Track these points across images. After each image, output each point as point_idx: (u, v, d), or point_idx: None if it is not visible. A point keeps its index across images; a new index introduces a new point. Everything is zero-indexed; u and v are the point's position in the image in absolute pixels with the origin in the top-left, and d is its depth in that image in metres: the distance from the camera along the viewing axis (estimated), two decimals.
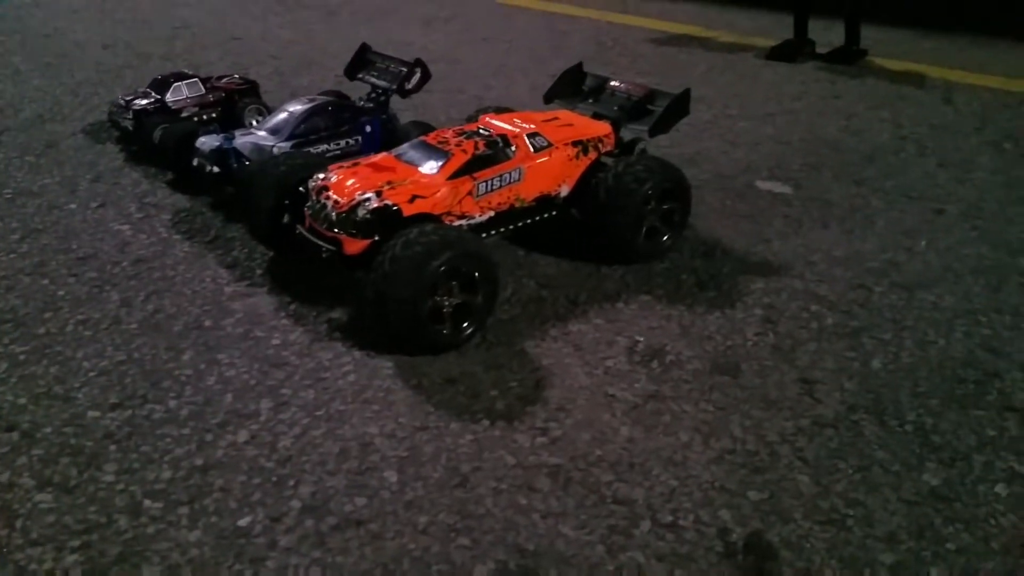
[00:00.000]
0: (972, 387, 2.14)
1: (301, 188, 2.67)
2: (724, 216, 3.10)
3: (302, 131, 3.31)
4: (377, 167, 2.54)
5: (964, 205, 3.16)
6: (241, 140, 3.22)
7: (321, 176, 2.54)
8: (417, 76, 3.51)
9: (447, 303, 2.28)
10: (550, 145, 2.71)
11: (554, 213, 2.77)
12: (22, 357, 2.33)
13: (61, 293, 2.66)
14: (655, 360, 2.28)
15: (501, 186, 2.61)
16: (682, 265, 2.77)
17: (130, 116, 3.72)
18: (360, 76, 3.67)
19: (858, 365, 2.24)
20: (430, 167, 2.52)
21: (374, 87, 3.59)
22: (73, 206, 3.28)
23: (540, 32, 5.99)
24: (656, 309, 2.53)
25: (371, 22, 6.30)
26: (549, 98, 3.21)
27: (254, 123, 3.99)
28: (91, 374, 2.25)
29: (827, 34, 5.17)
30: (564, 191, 2.77)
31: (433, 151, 2.58)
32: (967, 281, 2.63)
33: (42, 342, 2.39)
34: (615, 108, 2.99)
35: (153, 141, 3.61)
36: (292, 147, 3.26)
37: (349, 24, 6.26)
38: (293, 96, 3.65)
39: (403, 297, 2.20)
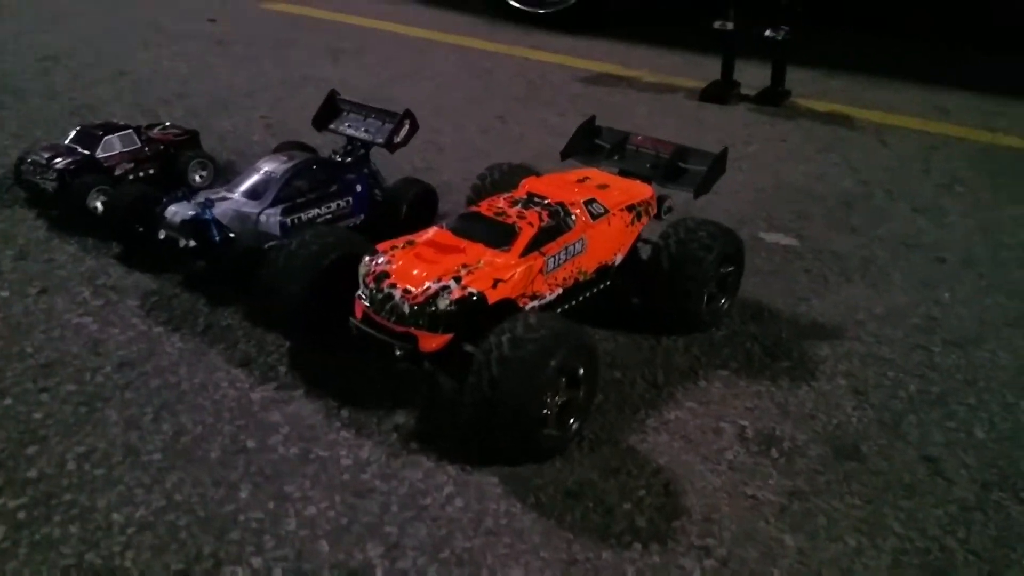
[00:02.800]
0: None
1: (334, 269, 2.32)
2: (750, 274, 3.01)
3: (288, 194, 2.90)
4: (440, 247, 2.23)
5: (959, 252, 3.27)
6: (219, 208, 2.76)
7: (376, 260, 2.19)
8: (407, 128, 3.19)
9: (556, 402, 2.02)
10: (607, 212, 2.51)
11: (608, 284, 2.57)
12: (21, 515, 1.81)
13: (38, 416, 2.12)
14: (773, 448, 2.13)
15: (567, 259, 2.37)
16: (740, 332, 2.65)
17: (52, 177, 3.12)
18: (332, 127, 3.29)
19: (964, 436, 2.21)
20: (498, 244, 2.24)
21: (351, 140, 3.23)
22: (5, 294, 2.67)
23: (462, 68, 5.74)
24: (741, 386, 2.38)
25: (272, 54, 5.79)
26: (567, 154, 3.00)
27: (198, 179, 3.50)
28: (130, 531, 1.77)
29: (710, 71, 5.28)
30: (619, 259, 2.58)
31: (495, 225, 2.31)
32: (1006, 334, 2.70)
33: (40, 490, 1.88)
34: (647, 167, 2.83)
35: (88, 207, 3.05)
36: (281, 213, 2.84)
37: (248, 57, 5.72)
38: (224, 145, 3.21)
39: (518, 405, 1.91)
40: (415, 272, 2.13)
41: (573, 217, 2.42)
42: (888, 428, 2.23)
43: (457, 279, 2.10)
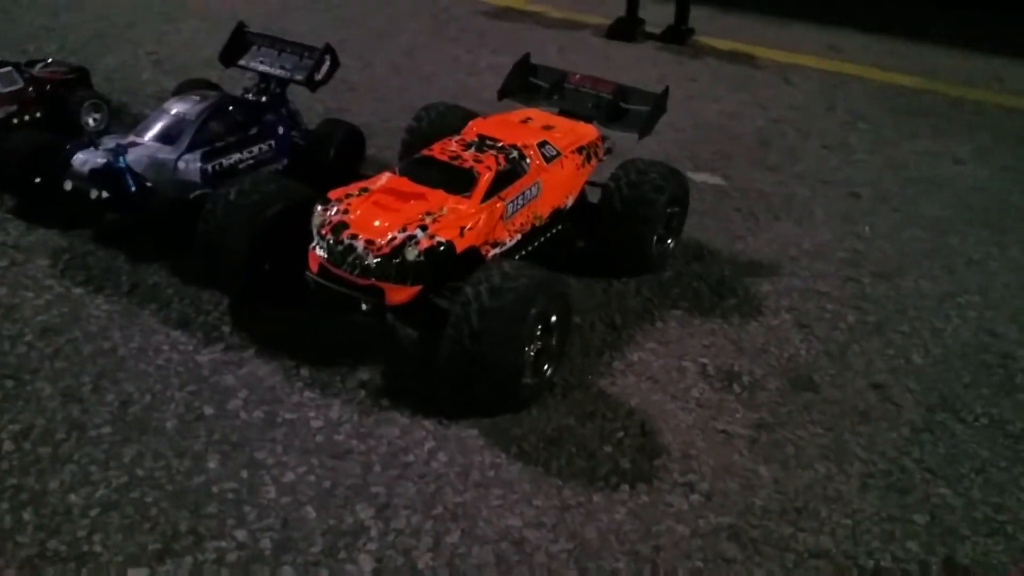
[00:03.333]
0: (1001, 372, 2.34)
1: (279, 220, 2.17)
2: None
3: (205, 137, 2.67)
4: (399, 194, 2.11)
5: (871, 188, 3.44)
6: (132, 155, 2.52)
7: (330, 209, 2.05)
8: (327, 64, 2.99)
9: (532, 350, 1.98)
10: (559, 154, 2.46)
11: (561, 227, 2.54)
12: None
13: None
14: (734, 383, 2.19)
15: (524, 204, 2.32)
16: (685, 272, 2.70)
17: None
18: (243, 63, 3.04)
19: (903, 362, 2.35)
20: (458, 190, 2.15)
21: (265, 77, 3.00)
22: None
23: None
24: (695, 324, 2.43)
25: None
26: (504, 94, 2.91)
27: (91, 122, 3.18)
28: (93, 513, 1.62)
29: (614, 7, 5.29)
30: (570, 203, 2.54)
31: (451, 170, 2.21)
32: (925, 265, 2.87)
33: None
34: (589, 107, 2.79)
35: None
36: (200, 159, 2.62)
37: None
38: (113, 84, 2.94)
39: (500, 356, 1.86)
40: (377, 222, 2.02)
41: (528, 160, 2.36)
42: (835, 359, 2.34)
43: (423, 228, 2.01)
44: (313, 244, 2.06)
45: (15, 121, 2.95)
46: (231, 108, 2.80)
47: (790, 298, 2.60)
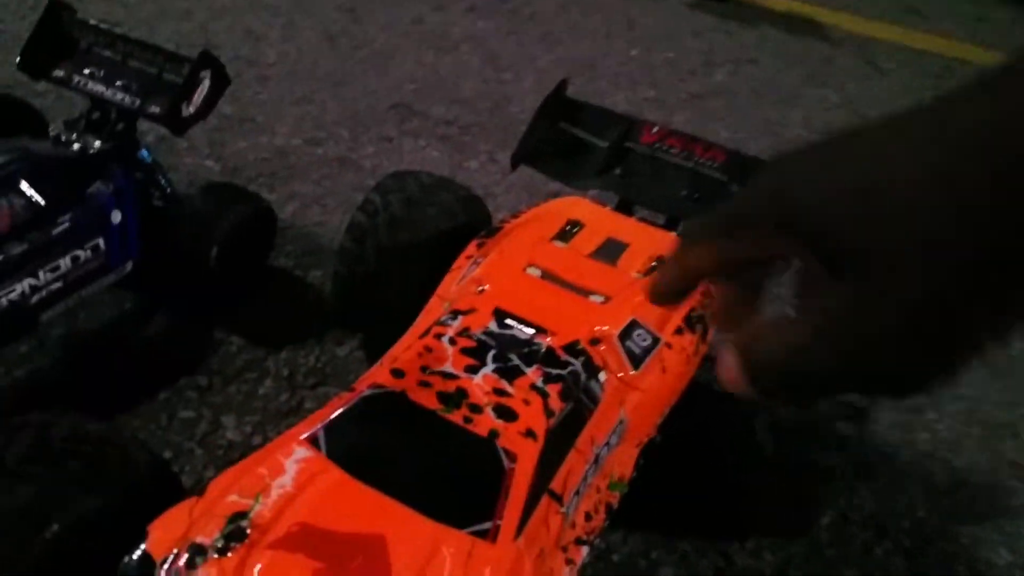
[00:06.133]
0: None
1: None
2: None
3: None
4: (324, 542, 0.87)
5: None
6: None
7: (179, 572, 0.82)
8: (206, 85, 1.66)
9: None
10: (656, 342, 1.23)
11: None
12: None
13: None
14: None
15: (596, 472, 1.11)
16: None
17: None
18: (60, 75, 1.69)
19: None
20: (463, 517, 0.92)
21: (98, 103, 1.66)
22: None
23: None
24: None
25: None
26: (521, 158, 1.62)
27: None
28: None
29: None
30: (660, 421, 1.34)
31: (450, 438, 0.98)
32: None
33: None
34: (682, 193, 1.54)
35: None
36: None
37: None
38: None
39: None
40: None
41: (602, 376, 1.14)
42: None
43: None
44: None
45: None
46: (23, 182, 1.48)
47: None
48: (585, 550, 1.05)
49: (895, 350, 0.38)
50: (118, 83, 1.66)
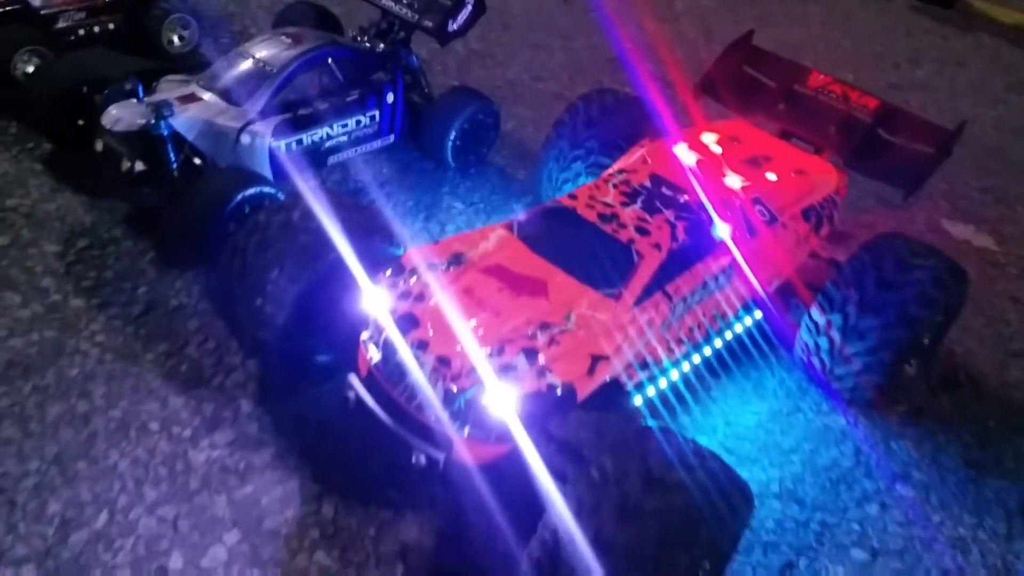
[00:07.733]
0: None
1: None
2: None
3: (287, 101, 1.98)
4: (509, 278, 1.34)
5: None
6: (184, 116, 1.85)
7: (400, 285, 1.31)
8: (468, 10, 2.19)
9: None
10: (774, 219, 1.59)
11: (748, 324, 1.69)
12: None
13: None
14: None
15: (702, 300, 1.49)
16: (930, 414, 1.79)
17: None
18: None
19: None
20: (604, 281, 1.35)
21: (387, 15, 2.24)
22: None
23: None
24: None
25: None
26: (706, 89, 2.01)
27: (176, 41, 2.56)
28: None
29: None
30: (772, 287, 1.68)
31: (598, 242, 1.40)
32: None
33: None
34: (832, 130, 1.86)
35: (13, 74, 2.17)
36: (273, 133, 1.93)
37: None
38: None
39: None
40: (461, 330, 1.25)
41: (723, 228, 1.51)
42: None
43: (530, 352, 1.23)
44: (366, 334, 1.34)
45: (81, 32, 2.36)
46: (330, 60, 2.07)
47: None
48: (674, 355, 1.44)
49: None
50: (404, 4, 2.22)
